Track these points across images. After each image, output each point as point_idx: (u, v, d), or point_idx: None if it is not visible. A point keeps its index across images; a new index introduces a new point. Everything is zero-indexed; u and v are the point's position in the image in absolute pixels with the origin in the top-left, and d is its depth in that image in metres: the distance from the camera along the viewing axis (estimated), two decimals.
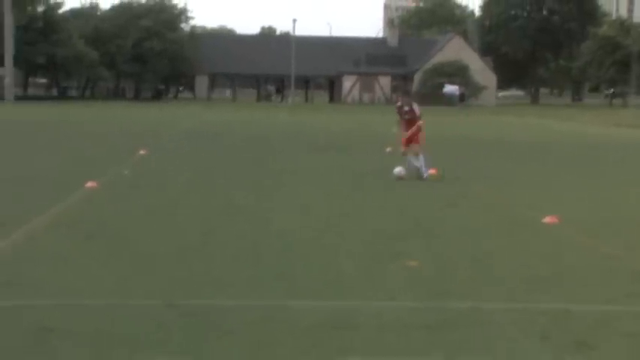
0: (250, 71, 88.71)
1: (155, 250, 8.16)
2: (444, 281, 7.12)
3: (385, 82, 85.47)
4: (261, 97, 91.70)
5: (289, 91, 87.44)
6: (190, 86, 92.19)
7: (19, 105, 57.75)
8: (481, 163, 19.29)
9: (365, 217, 10.58)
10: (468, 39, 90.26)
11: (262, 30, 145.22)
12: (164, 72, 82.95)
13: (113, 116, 42.89)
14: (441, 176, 15.28)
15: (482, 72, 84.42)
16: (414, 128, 15.36)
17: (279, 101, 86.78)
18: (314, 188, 13.70)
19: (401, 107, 15.76)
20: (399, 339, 5.46)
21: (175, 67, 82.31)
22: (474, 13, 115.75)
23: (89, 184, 12.90)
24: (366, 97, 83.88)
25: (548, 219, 10.34)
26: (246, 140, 25.75)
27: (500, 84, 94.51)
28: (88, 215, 10.32)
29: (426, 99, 79.17)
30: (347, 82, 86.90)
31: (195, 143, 23.93)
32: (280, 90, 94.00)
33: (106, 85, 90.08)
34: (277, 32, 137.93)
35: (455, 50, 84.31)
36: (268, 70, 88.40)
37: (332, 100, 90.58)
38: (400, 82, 77.47)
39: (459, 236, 9.35)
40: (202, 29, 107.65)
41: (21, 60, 68.69)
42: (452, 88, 77.09)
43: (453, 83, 78.30)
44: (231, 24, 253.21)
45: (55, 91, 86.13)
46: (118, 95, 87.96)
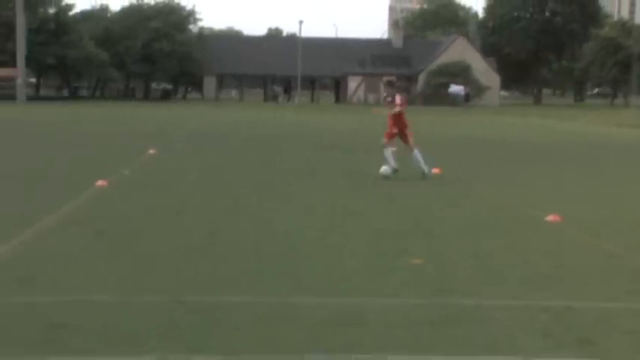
0: (257, 72, 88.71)
1: (163, 248, 8.26)
2: (448, 279, 7.20)
3: None
4: (268, 98, 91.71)
5: (296, 91, 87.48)
6: (198, 87, 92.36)
7: (31, 105, 57.93)
8: (484, 163, 19.36)
9: (369, 217, 10.65)
10: (470, 40, 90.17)
11: (269, 31, 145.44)
12: (173, 72, 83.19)
13: (123, 116, 43.02)
14: (441, 175, 15.38)
15: (486, 72, 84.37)
16: (390, 119, 15.30)
17: (286, 101, 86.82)
18: (319, 188, 13.78)
19: (385, 98, 15.88)
20: (404, 335, 5.54)
21: (184, 67, 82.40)
22: (477, 15, 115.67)
23: (99, 183, 13.05)
24: (371, 97, 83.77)
25: (550, 217, 10.41)
26: (252, 140, 25.83)
27: (504, 85, 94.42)
28: (98, 214, 10.43)
29: (430, 99, 79.52)
30: (352, 83, 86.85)
31: (203, 143, 24.03)
32: (287, 90, 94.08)
33: (116, 85, 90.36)
34: (284, 33, 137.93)
35: (459, 51, 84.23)
36: (275, 70, 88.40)
37: (337, 100, 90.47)
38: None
39: (461, 234, 9.42)
40: (210, 31, 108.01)
41: (32, 61, 68.94)
42: (457, 89, 76.89)
43: (458, 84, 78.21)
44: (239, 25, 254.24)
45: (66, 92, 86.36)
46: (127, 95, 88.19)
